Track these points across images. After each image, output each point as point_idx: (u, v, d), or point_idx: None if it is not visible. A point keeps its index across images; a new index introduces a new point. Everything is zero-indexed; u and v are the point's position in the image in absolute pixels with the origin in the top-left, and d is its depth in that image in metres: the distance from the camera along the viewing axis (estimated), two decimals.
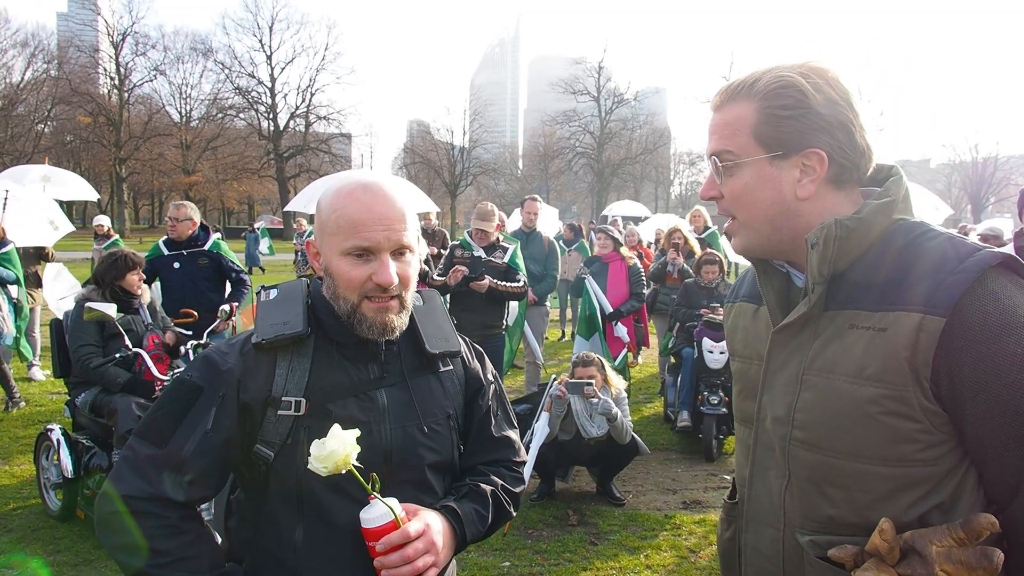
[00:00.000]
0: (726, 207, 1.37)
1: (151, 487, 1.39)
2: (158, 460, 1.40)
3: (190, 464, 1.40)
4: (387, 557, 1.35)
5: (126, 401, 4.34)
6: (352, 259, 1.44)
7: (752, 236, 1.35)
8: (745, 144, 1.30)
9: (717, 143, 1.34)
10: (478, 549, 4.28)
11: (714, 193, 1.37)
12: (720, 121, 1.34)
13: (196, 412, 1.43)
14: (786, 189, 1.28)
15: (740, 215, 1.35)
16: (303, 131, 56.43)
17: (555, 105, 66.88)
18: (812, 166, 1.27)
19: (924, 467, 1.18)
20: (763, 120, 1.28)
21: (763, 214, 1.31)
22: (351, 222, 1.43)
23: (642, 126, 62.63)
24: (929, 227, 1.25)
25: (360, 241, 1.43)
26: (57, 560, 4.21)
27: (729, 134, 1.32)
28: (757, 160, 1.29)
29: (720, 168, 1.33)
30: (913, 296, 1.16)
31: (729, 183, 1.33)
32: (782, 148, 1.27)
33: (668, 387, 7.28)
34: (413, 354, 1.58)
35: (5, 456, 5.96)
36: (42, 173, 10.62)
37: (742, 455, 1.46)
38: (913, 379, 1.15)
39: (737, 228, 1.37)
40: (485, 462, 1.67)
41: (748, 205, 1.32)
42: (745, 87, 1.31)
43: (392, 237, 1.44)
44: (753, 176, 1.30)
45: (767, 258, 1.38)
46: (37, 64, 48.50)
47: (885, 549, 1.13)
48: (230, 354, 1.48)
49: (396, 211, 1.46)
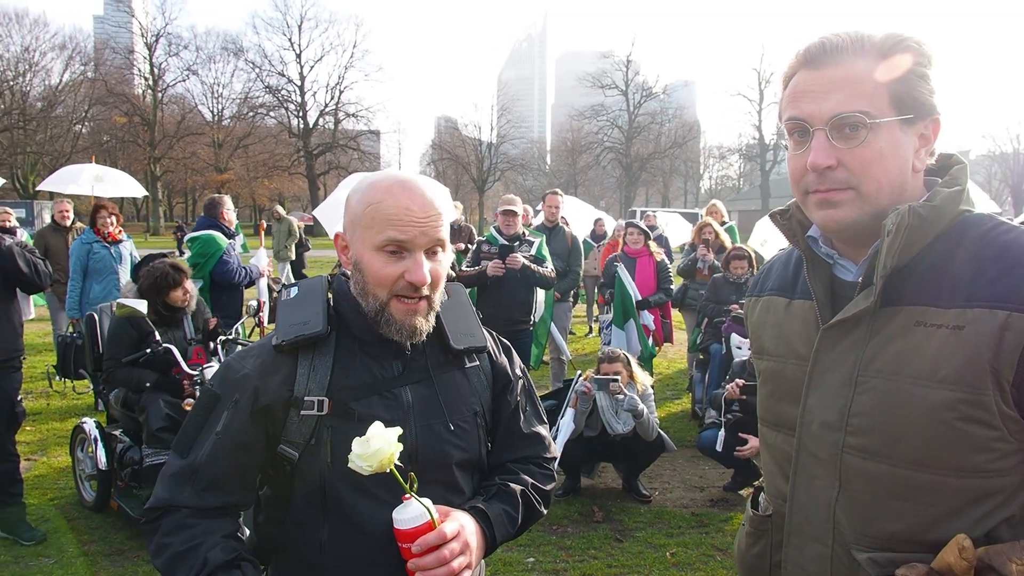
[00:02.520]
0: (844, 178, 1.16)
1: (173, 497, 1.41)
2: (181, 471, 1.43)
3: (205, 470, 1.41)
4: (423, 559, 1.32)
5: (156, 397, 4.40)
6: (385, 255, 1.41)
7: (869, 208, 1.17)
8: (881, 104, 1.13)
9: (844, 101, 1.14)
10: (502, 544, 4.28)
11: (831, 162, 1.16)
12: (840, 77, 1.15)
13: (212, 419, 1.44)
14: (911, 159, 1.16)
15: (866, 186, 1.16)
16: (332, 128, 56.96)
17: (583, 100, 66.56)
18: (928, 135, 1.16)
19: (997, 478, 1.10)
20: (901, 77, 1.13)
21: (890, 185, 1.16)
22: (387, 216, 1.39)
23: (671, 120, 62.15)
24: (1001, 220, 1.17)
25: (396, 234, 1.38)
26: (91, 550, 4.30)
27: (859, 92, 1.13)
28: (892, 122, 1.14)
29: (846, 130, 1.14)
30: (996, 292, 1.07)
31: (858, 150, 1.14)
32: (913, 111, 1.14)
33: (696, 383, 7.22)
34: (438, 350, 1.55)
35: (44, 448, 6.11)
36: (95, 173, 11.03)
37: (775, 464, 1.35)
38: (994, 382, 1.07)
39: (852, 199, 1.17)
40: (515, 459, 1.63)
41: (879, 175, 1.15)
42: (865, 41, 1.15)
43: (429, 233, 1.41)
44: (888, 141, 1.14)
45: (854, 237, 1.23)
46: (75, 66, 49.51)
47: (963, 568, 1.05)
48: (248, 359, 1.48)
49: (434, 208, 1.42)
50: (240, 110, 56.15)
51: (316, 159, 55.42)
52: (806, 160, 1.18)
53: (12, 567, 4.09)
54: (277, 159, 54.57)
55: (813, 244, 1.31)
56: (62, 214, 8.31)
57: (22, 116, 44.98)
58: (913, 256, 1.16)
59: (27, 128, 45.19)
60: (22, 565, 4.11)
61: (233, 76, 57.10)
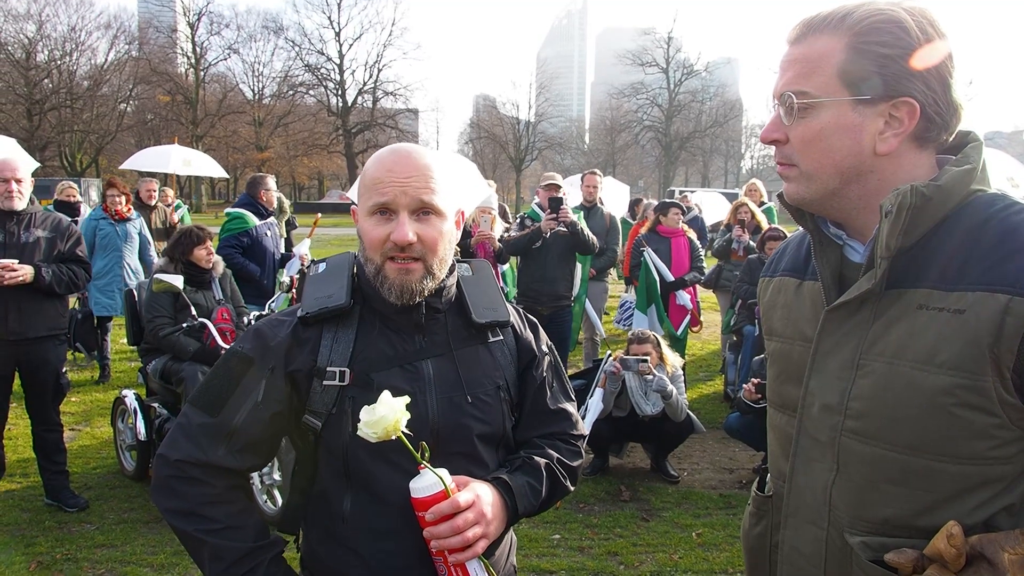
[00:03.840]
0: (789, 153, 1.20)
1: (203, 454, 1.43)
2: (210, 428, 1.45)
3: (241, 434, 1.44)
4: (437, 527, 1.35)
5: (193, 369, 4.53)
6: (376, 218, 1.44)
7: (813, 188, 1.19)
8: (826, 83, 1.14)
9: (791, 79, 1.17)
10: (528, 521, 4.31)
11: (778, 136, 1.20)
12: (798, 55, 1.18)
13: (248, 382, 1.46)
14: (866, 140, 1.14)
15: (805, 164, 1.19)
16: (371, 107, 57.28)
17: (623, 78, 65.77)
18: (900, 118, 1.13)
19: (997, 465, 1.08)
20: (854, 57, 1.12)
21: (834, 165, 1.16)
22: (373, 180, 1.45)
23: (712, 98, 61.03)
24: (1013, 200, 1.12)
25: (378, 197, 1.42)
26: (130, 517, 4.45)
27: (808, 70, 1.15)
28: (839, 103, 1.14)
29: (792, 108, 1.17)
30: (998, 275, 1.04)
31: (800, 126, 1.17)
32: (871, 92, 1.12)
33: (729, 365, 7.16)
34: (461, 325, 1.56)
35: (87, 419, 6.32)
36: (184, 156, 11.92)
37: (779, 444, 1.35)
38: (993, 368, 1.04)
39: (797, 176, 1.21)
40: (541, 435, 1.63)
41: (818, 153, 1.17)
42: (835, 19, 1.14)
43: (409, 192, 1.42)
44: (831, 120, 1.14)
45: (822, 214, 1.25)
46: (119, 45, 50.25)
47: (952, 556, 1.04)
48: (280, 327, 1.51)
49: (416, 168, 1.44)
50: (280, 89, 56.73)
51: (355, 138, 55.80)
52: None
53: (56, 532, 4.25)
54: (316, 137, 55.10)
55: (823, 224, 1.28)
56: (149, 193, 8.64)
57: (69, 95, 45.93)
58: (920, 237, 1.13)
59: (74, 107, 46.20)
60: (65, 531, 4.27)
61: (273, 55, 58.05)
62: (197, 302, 4.74)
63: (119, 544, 4.12)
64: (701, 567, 3.95)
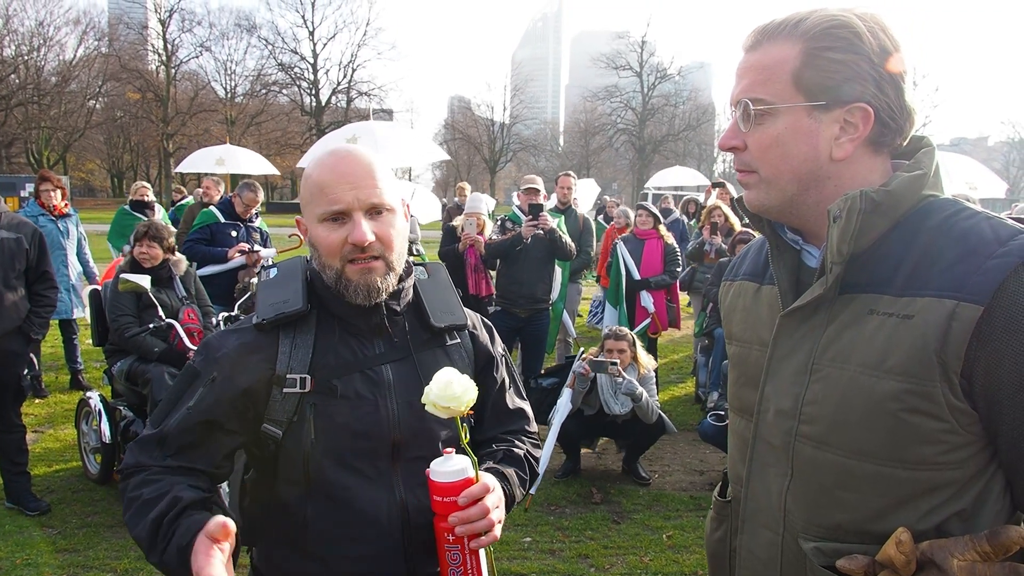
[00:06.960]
0: (747, 160, 1.21)
1: (147, 459, 1.42)
2: (152, 438, 1.44)
3: (172, 438, 1.42)
4: (469, 511, 1.32)
5: (159, 370, 4.46)
6: (328, 224, 1.43)
7: (773, 195, 1.20)
8: (782, 90, 1.14)
9: (748, 87, 1.18)
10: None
11: (736, 143, 1.21)
12: (755, 62, 1.18)
13: (188, 394, 1.45)
14: (822, 146, 1.14)
15: (764, 170, 1.19)
16: (345, 107, 56.77)
17: (597, 81, 65.97)
18: (855, 123, 1.13)
19: (947, 471, 1.08)
20: (808, 63, 1.12)
21: (792, 172, 1.17)
22: (320, 186, 1.43)
23: (685, 102, 61.48)
24: (964, 206, 1.13)
25: (330, 204, 1.41)
26: (93, 521, 4.37)
27: (764, 78, 1.16)
28: (794, 109, 1.14)
29: (749, 114, 1.17)
30: (946, 281, 1.04)
31: (756, 133, 1.18)
32: (826, 98, 1.12)
33: (700, 367, 7.20)
34: (419, 328, 1.56)
35: (51, 421, 6.19)
36: (216, 155, 12.10)
37: (737, 449, 1.35)
38: (941, 373, 1.03)
39: (756, 183, 1.21)
40: (503, 432, 1.68)
41: (775, 160, 1.17)
42: (789, 26, 1.15)
43: (361, 196, 1.41)
44: (787, 127, 1.15)
45: (782, 221, 1.25)
46: (89, 41, 49.45)
47: (901, 562, 1.04)
48: (229, 338, 1.49)
49: (362, 169, 1.44)
50: (253, 87, 55.99)
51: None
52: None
53: (16, 536, 4.15)
54: (289, 137, 54.51)
55: (779, 229, 1.29)
56: (207, 191, 8.64)
57: (36, 91, 45.09)
58: (872, 242, 1.14)
59: (41, 103, 45.34)
60: (26, 535, 4.18)
61: (246, 53, 57.03)
62: (162, 301, 4.67)
63: (81, 549, 4.04)
64: (671, 569, 3.97)
